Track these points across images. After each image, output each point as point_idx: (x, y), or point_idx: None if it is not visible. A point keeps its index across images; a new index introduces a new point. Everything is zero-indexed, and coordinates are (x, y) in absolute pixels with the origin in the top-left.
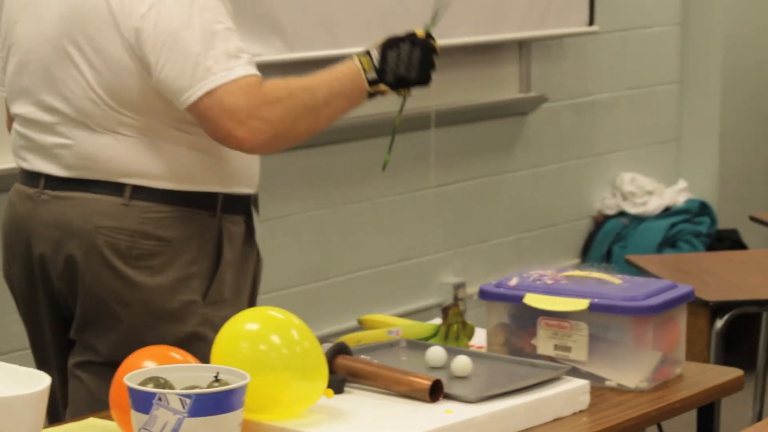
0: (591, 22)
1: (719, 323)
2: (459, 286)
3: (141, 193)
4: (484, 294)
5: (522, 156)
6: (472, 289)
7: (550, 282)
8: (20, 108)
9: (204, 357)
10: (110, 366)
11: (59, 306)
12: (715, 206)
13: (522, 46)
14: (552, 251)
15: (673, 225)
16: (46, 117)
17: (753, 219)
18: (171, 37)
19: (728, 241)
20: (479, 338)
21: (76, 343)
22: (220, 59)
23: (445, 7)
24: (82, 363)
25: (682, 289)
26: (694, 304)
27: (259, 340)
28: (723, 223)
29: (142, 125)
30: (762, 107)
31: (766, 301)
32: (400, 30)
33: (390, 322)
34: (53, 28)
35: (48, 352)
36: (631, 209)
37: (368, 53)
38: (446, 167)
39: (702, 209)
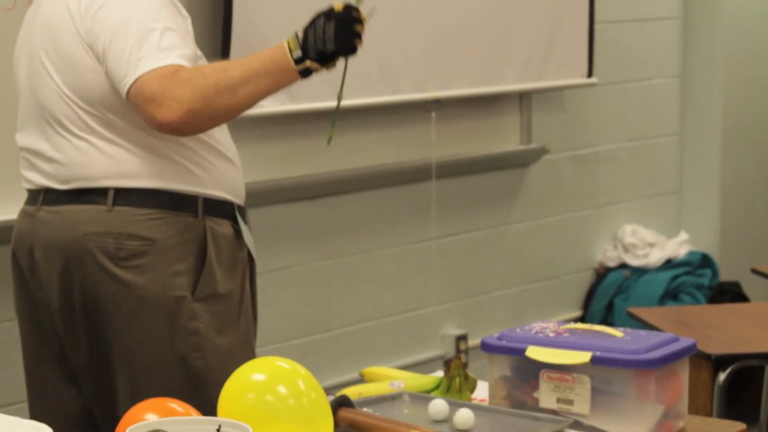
0: (590, 74)
1: (722, 376)
2: (461, 339)
3: (122, 197)
4: (486, 347)
5: (523, 208)
6: (474, 342)
7: (552, 335)
8: (22, 138)
9: (196, 349)
10: None
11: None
12: (716, 258)
13: (523, 97)
14: (554, 303)
15: (675, 277)
16: (39, 139)
17: (755, 271)
18: (113, 32)
19: (730, 293)
20: (481, 391)
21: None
22: (151, 51)
23: None
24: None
25: (685, 342)
26: (697, 357)
27: (266, 390)
28: (725, 276)
29: (111, 126)
30: (762, 159)
31: None
32: (398, 80)
33: (392, 375)
34: (35, 45)
35: (44, 369)
36: (633, 261)
37: (296, 34)
38: (448, 219)
39: (704, 261)
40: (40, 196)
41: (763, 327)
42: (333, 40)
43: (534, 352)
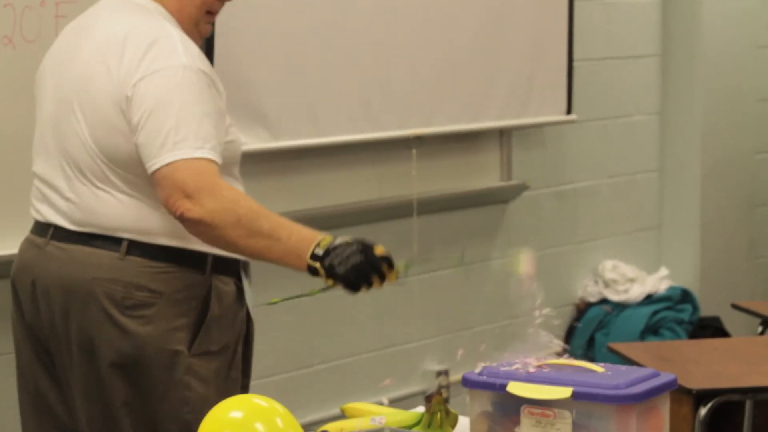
0: (569, 111)
1: (703, 411)
2: (442, 374)
3: (136, 248)
4: (467, 382)
5: (504, 243)
6: (456, 377)
7: (532, 370)
8: (38, 166)
9: (189, 403)
10: None
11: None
12: (697, 294)
13: (503, 134)
14: (535, 339)
15: (656, 312)
16: (58, 175)
17: (735, 307)
18: (152, 107)
19: (711, 328)
20: (463, 427)
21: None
22: (188, 138)
23: (419, 263)
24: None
25: (665, 377)
26: (678, 392)
27: (244, 428)
28: (705, 311)
29: (133, 184)
30: (742, 195)
31: (749, 389)
32: (379, 117)
33: (373, 411)
34: (68, 90)
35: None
36: (614, 297)
37: (334, 239)
38: (429, 255)
39: (684, 297)
40: (50, 231)
41: (743, 362)
42: (346, 269)
43: (515, 388)
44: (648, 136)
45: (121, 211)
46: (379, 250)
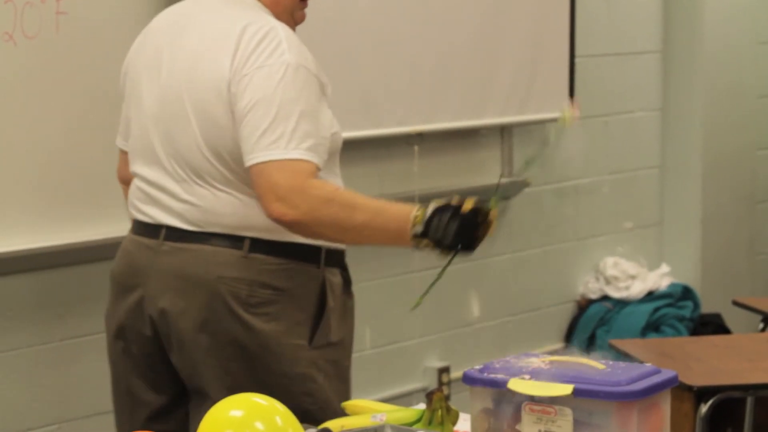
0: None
1: (704, 408)
2: (443, 371)
3: (258, 246)
4: (467, 379)
5: (505, 240)
6: (457, 374)
7: (534, 367)
8: (142, 168)
9: (312, 395)
10: None
11: (160, 352)
12: (698, 290)
13: (504, 131)
14: (536, 335)
15: (657, 309)
16: (168, 178)
17: (736, 303)
18: (252, 105)
19: (712, 325)
20: (464, 424)
21: (190, 391)
22: (284, 136)
23: (503, 192)
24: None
25: (666, 374)
26: (679, 389)
27: (244, 427)
28: (706, 308)
29: (246, 183)
30: (743, 191)
31: (751, 386)
32: (381, 114)
33: (374, 408)
34: (171, 90)
35: (133, 397)
36: (615, 293)
37: (426, 207)
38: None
39: (685, 293)
40: (162, 232)
41: (744, 359)
42: (452, 237)
43: (516, 385)
44: (649, 132)
45: (245, 211)
46: (468, 205)
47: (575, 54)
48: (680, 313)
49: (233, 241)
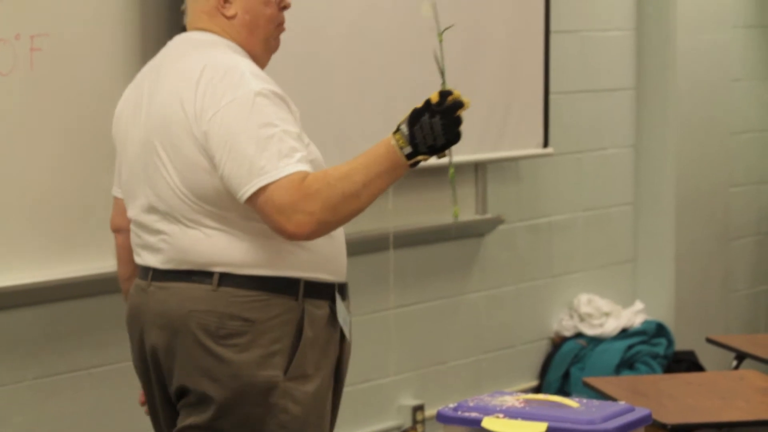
0: (545, 144)
1: None
2: (417, 409)
3: (227, 279)
4: (442, 417)
5: (479, 277)
6: (431, 412)
7: (508, 405)
8: (131, 211)
9: (286, 427)
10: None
11: (166, 385)
12: (672, 328)
13: (478, 168)
14: (510, 373)
15: (631, 346)
16: (149, 217)
17: (710, 341)
18: (231, 139)
19: (685, 362)
20: None
21: (180, 414)
22: (272, 159)
23: (442, 61)
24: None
25: (640, 412)
26: (653, 426)
27: None
28: (680, 345)
29: (222, 218)
30: (716, 228)
31: (724, 424)
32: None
33: None
34: (148, 133)
35: (159, 424)
36: (589, 331)
37: (399, 129)
38: (405, 288)
39: (659, 331)
40: (150, 273)
41: (717, 397)
42: (442, 134)
43: (490, 423)
44: (622, 169)
45: (209, 246)
46: (434, 96)
47: (549, 90)
48: (654, 351)
49: (204, 276)
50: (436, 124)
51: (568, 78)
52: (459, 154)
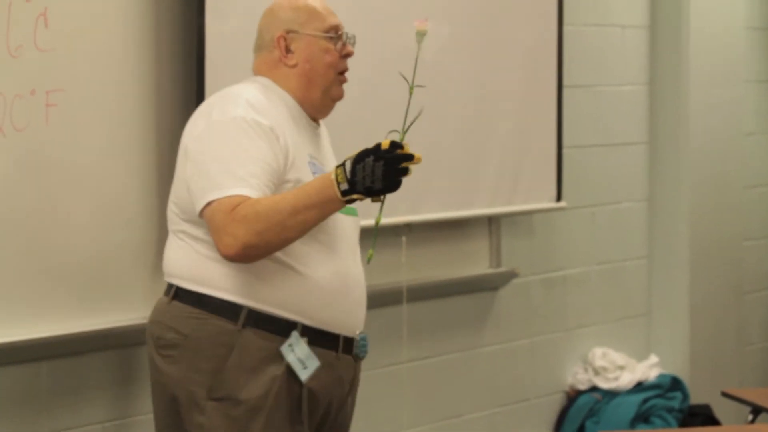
0: (559, 198)
1: None
2: None
3: (180, 294)
4: None
5: (493, 331)
6: None
7: None
8: None
9: None
10: None
11: None
12: (686, 381)
13: (491, 221)
14: (525, 426)
15: (646, 400)
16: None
17: (725, 394)
18: (200, 156)
19: (701, 416)
20: None
21: None
22: (227, 179)
23: (416, 118)
24: None
25: None
26: None
27: None
28: (695, 398)
29: (192, 233)
30: (730, 282)
31: None
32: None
33: None
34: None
35: None
36: (604, 384)
37: (343, 165)
38: (418, 342)
39: (674, 384)
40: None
41: None
42: (381, 179)
43: None
44: (636, 222)
45: (177, 258)
46: (385, 143)
47: (562, 145)
48: (669, 404)
49: (169, 287)
50: (378, 168)
51: (581, 132)
52: (473, 207)
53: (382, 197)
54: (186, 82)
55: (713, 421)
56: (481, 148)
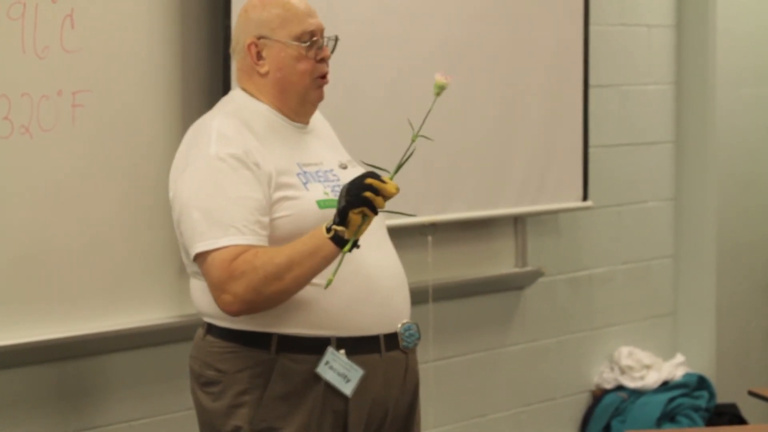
0: (585, 198)
1: None
2: None
3: (212, 329)
4: None
5: (519, 330)
6: None
7: None
8: None
9: None
10: None
11: None
12: (713, 380)
13: (517, 221)
14: (551, 426)
15: (672, 399)
16: None
17: (751, 393)
18: (183, 204)
19: (727, 415)
20: None
21: None
22: (212, 229)
23: (406, 159)
24: None
25: None
26: None
27: None
28: (722, 397)
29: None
30: (757, 281)
31: None
32: (395, 204)
33: None
34: None
35: None
36: (630, 383)
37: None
38: (444, 342)
39: (700, 383)
40: None
41: None
42: (344, 197)
43: None
44: (663, 222)
45: (199, 297)
46: (367, 180)
47: (588, 144)
48: (696, 404)
49: (203, 324)
50: (342, 199)
51: (607, 131)
52: (499, 207)
53: (351, 218)
54: (212, 83)
55: (740, 420)
56: (507, 148)
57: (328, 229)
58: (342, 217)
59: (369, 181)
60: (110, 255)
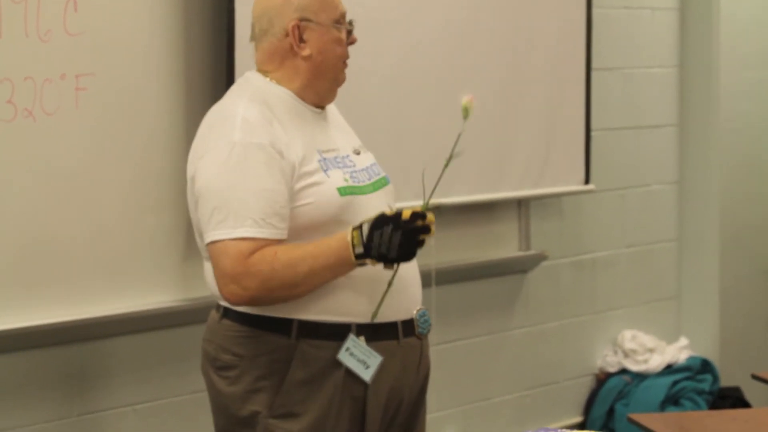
0: (587, 181)
1: None
2: None
3: (229, 313)
4: None
5: (522, 314)
6: None
7: None
8: None
9: None
10: None
11: None
12: (716, 364)
13: (521, 204)
14: (554, 409)
15: (676, 383)
16: None
17: (755, 377)
18: (203, 187)
19: (731, 399)
20: None
21: None
22: (229, 218)
23: (435, 189)
24: None
25: None
26: None
27: None
28: (725, 381)
29: None
30: (761, 264)
31: None
32: (397, 188)
33: None
34: None
35: None
36: (633, 367)
37: (360, 228)
38: (447, 325)
39: (704, 367)
40: None
41: None
42: (396, 249)
43: None
44: (666, 205)
45: (213, 280)
46: (406, 213)
47: (591, 127)
48: (699, 387)
49: (218, 307)
50: (395, 237)
51: (610, 115)
52: (502, 190)
53: (395, 266)
54: (216, 67)
55: (743, 404)
56: (510, 131)
57: (358, 256)
58: (384, 260)
59: (419, 224)
60: (114, 238)
